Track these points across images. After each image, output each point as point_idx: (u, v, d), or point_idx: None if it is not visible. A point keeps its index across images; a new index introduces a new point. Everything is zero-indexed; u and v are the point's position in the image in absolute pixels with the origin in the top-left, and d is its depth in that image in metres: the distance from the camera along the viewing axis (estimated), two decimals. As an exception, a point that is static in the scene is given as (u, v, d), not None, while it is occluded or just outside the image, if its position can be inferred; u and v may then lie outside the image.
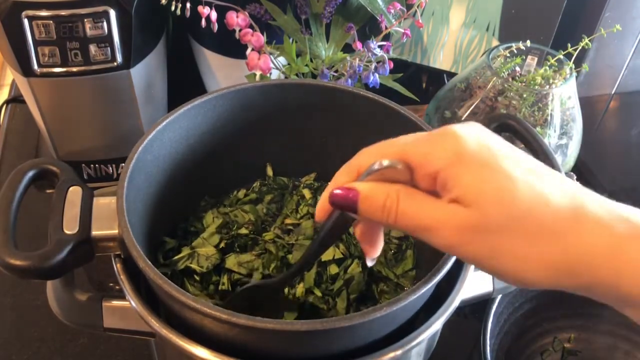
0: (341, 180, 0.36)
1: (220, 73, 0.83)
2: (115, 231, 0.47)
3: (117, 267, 0.48)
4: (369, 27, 0.79)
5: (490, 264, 0.32)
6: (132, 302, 0.46)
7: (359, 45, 0.69)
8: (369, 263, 0.40)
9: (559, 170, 0.51)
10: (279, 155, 0.65)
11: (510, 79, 0.72)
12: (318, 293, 0.54)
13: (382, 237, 0.39)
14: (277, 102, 0.60)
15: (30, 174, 0.48)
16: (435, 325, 0.45)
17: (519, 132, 0.55)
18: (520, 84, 0.71)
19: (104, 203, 0.49)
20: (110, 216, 0.47)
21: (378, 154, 0.34)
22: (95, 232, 0.47)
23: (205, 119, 0.57)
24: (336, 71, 0.70)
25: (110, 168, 0.78)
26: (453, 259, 0.44)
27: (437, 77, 0.96)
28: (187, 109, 0.55)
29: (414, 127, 0.54)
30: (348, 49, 0.72)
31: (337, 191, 0.34)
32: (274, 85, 0.59)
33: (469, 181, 0.31)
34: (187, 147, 0.58)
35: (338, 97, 0.59)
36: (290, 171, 0.66)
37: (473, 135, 0.33)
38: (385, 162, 0.33)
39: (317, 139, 0.63)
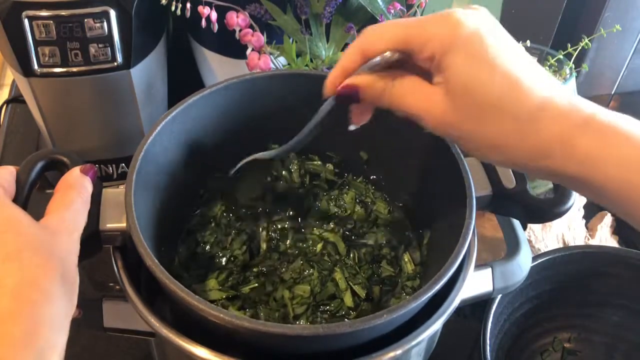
0: (347, 62, 0.40)
1: (220, 73, 0.83)
2: (124, 224, 0.47)
3: (118, 264, 0.48)
4: (369, 27, 0.79)
5: (466, 146, 0.38)
6: (132, 301, 0.46)
7: (359, 45, 0.69)
8: (351, 127, 0.45)
9: None
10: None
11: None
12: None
13: (371, 112, 0.44)
14: (285, 92, 0.59)
15: (40, 164, 0.46)
16: (435, 325, 0.45)
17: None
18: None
19: (112, 195, 0.48)
20: (119, 208, 0.47)
21: (381, 37, 0.38)
22: (103, 225, 0.47)
23: (213, 110, 0.57)
24: (336, 71, 0.70)
25: (111, 168, 0.78)
26: (456, 265, 0.44)
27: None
28: (195, 100, 0.55)
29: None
30: (348, 49, 0.72)
31: (343, 88, 0.40)
32: (283, 75, 0.59)
33: (453, 69, 0.35)
34: (196, 139, 0.57)
35: None
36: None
37: (472, 23, 0.36)
38: (387, 54, 0.38)
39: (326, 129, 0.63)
